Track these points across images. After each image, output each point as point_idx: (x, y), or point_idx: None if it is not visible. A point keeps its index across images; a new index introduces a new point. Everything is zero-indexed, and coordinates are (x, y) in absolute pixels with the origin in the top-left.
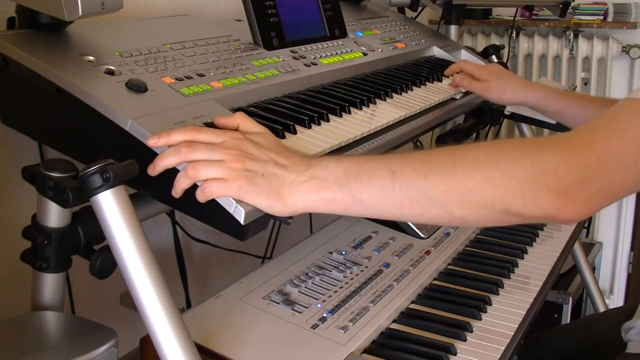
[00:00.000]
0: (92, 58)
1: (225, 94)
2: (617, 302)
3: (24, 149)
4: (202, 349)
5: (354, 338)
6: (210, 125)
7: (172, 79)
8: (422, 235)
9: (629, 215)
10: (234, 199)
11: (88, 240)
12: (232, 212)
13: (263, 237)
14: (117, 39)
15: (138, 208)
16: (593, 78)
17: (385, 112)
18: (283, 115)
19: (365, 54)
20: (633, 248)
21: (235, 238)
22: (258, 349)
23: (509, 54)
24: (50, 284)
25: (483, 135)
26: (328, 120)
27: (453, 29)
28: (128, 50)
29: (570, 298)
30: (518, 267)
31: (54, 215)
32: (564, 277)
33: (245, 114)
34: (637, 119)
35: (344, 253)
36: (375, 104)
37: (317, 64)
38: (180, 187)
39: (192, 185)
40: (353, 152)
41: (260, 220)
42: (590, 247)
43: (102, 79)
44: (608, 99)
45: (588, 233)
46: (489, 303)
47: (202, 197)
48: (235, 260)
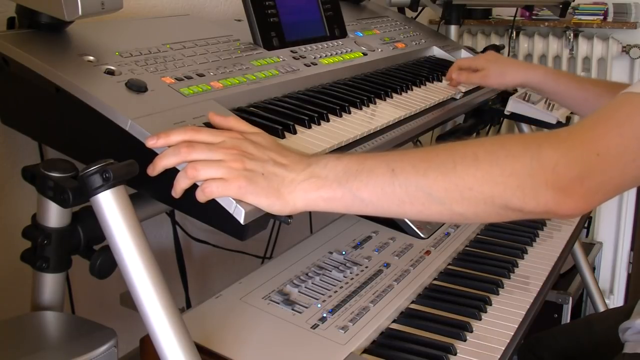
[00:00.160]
0: (92, 58)
1: (225, 94)
2: (617, 302)
3: (24, 149)
4: (202, 349)
5: (354, 338)
6: (210, 126)
7: (172, 79)
8: (422, 235)
9: (629, 215)
10: (234, 199)
11: (88, 240)
12: (232, 212)
13: (263, 237)
14: (117, 39)
15: (138, 208)
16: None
17: (385, 112)
18: (283, 115)
19: (365, 54)
20: (633, 248)
21: (235, 238)
22: (258, 349)
23: (509, 54)
24: (50, 284)
25: (483, 135)
26: (328, 120)
27: (453, 29)
28: (128, 50)
29: (570, 298)
30: (518, 267)
31: (54, 215)
32: (564, 277)
33: (238, 118)
34: (637, 114)
35: (344, 253)
36: (375, 104)
37: (317, 64)
38: (180, 187)
39: (192, 185)
40: (353, 152)
41: (260, 220)
42: (590, 247)
43: (102, 79)
44: (610, 82)
45: (588, 233)
46: (489, 303)
47: (202, 197)
48: (235, 260)
